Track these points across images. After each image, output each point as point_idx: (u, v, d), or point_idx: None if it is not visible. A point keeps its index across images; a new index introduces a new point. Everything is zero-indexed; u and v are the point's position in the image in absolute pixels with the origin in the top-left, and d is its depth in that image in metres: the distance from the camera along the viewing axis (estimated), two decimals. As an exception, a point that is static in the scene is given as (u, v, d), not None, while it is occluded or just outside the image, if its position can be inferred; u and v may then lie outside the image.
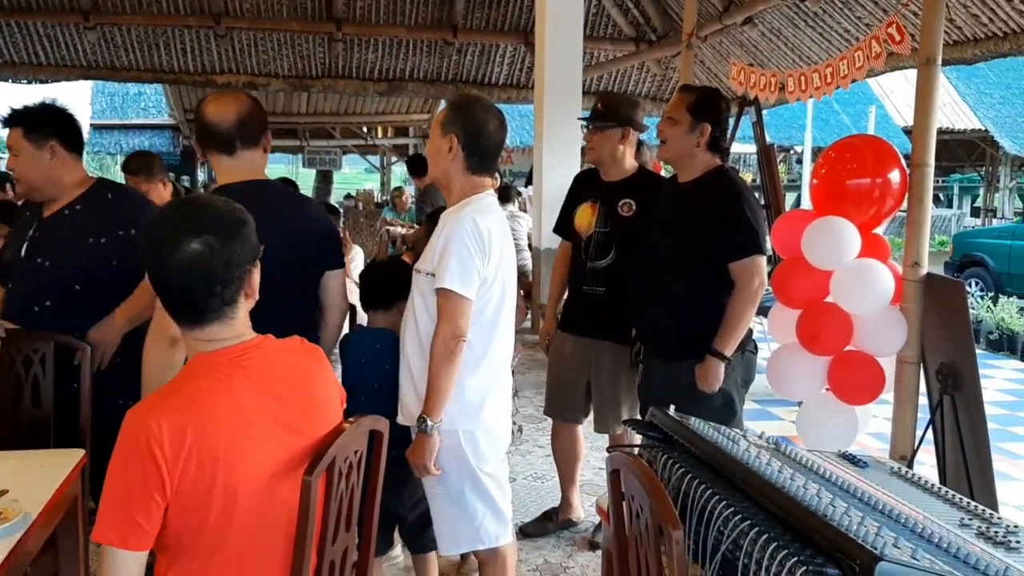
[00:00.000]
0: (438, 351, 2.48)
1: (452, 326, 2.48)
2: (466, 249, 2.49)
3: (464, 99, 2.77)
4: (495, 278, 2.59)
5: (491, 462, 2.66)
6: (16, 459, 2.45)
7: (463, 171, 2.62)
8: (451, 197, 2.67)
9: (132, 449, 1.61)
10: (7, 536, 1.96)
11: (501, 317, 2.65)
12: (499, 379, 2.70)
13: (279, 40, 9.99)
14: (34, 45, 9.49)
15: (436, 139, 2.64)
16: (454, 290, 2.48)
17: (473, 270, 2.50)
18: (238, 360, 1.76)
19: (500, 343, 2.68)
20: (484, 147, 2.62)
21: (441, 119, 2.65)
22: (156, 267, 1.71)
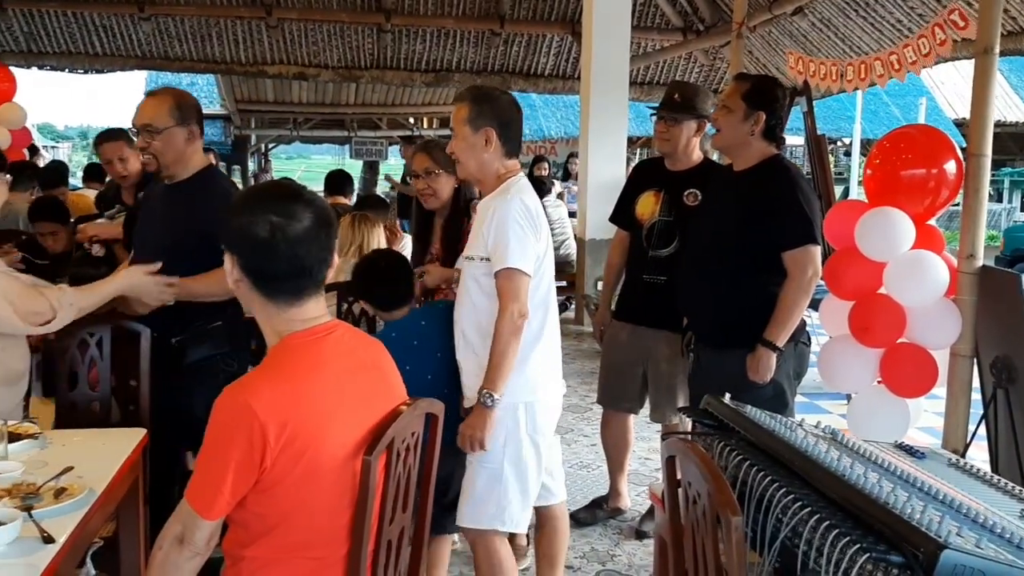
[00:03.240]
0: (505, 329, 2.55)
1: (518, 304, 2.57)
2: (520, 228, 2.58)
3: (482, 92, 2.78)
4: (545, 254, 2.70)
5: (545, 435, 2.74)
6: (81, 437, 2.52)
7: (500, 159, 2.70)
8: (486, 186, 2.74)
9: (233, 425, 1.67)
10: (73, 511, 2.01)
11: (550, 294, 2.75)
12: (556, 353, 2.81)
13: (329, 31, 10.07)
14: (90, 35, 9.67)
15: (468, 137, 2.67)
16: (517, 268, 2.56)
17: (529, 247, 2.60)
18: (325, 339, 1.81)
19: (553, 317, 2.78)
20: (516, 132, 2.73)
21: (467, 116, 2.67)
22: (273, 241, 1.73)
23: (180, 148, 3.03)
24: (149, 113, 3.00)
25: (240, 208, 1.79)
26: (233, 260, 1.79)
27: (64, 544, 1.88)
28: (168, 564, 1.75)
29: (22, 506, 1.97)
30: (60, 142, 19.78)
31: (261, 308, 1.82)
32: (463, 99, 2.73)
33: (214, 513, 1.71)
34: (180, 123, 3.01)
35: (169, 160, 3.04)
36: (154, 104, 3.02)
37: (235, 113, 14.94)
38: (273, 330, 1.83)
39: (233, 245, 1.79)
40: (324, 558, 1.79)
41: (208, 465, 1.71)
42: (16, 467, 2.19)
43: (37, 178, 5.76)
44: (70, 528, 1.94)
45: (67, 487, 2.10)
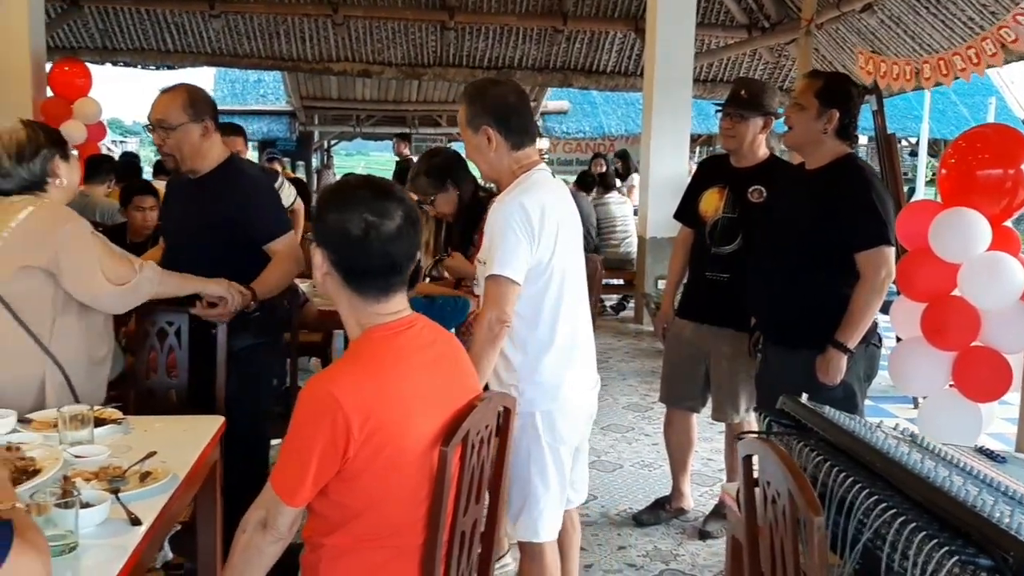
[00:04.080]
0: (480, 335, 2.47)
1: (497, 310, 2.45)
2: (513, 234, 2.46)
3: (475, 89, 2.66)
4: (552, 255, 2.55)
5: (568, 442, 2.65)
6: (162, 423, 2.58)
7: (508, 153, 2.58)
8: (503, 185, 2.64)
9: (318, 415, 1.71)
10: (158, 495, 2.07)
11: (567, 293, 2.62)
12: (576, 357, 2.67)
13: (393, 28, 10.17)
14: (162, 32, 9.90)
15: (471, 140, 2.60)
16: (501, 275, 2.46)
17: (520, 255, 2.47)
18: (406, 332, 1.85)
19: (570, 320, 2.64)
20: (517, 120, 2.58)
21: (466, 119, 2.60)
22: (367, 239, 1.76)
23: (195, 144, 3.07)
24: (162, 110, 3.04)
25: (334, 205, 1.82)
26: (324, 255, 1.83)
27: (150, 526, 1.93)
28: (251, 547, 1.80)
29: (109, 489, 2.03)
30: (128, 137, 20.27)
31: (348, 302, 1.86)
32: (462, 101, 2.65)
33: (298, 500, 1.75)
34: (194, 119, 3.04)
35: (186, 155, 3.08)
36: (167, 100, 3.06)
37: (300, 110, 15.15)
38: (357, 323, 1.87)
39: (326, 241, 1.82)
40: (401, 547, 1.82)
41: (293, 453, 1.75)
42: (102, 451, 2.26)
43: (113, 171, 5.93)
44: (155, 511, 1.99)
45: (151, 471, 2.15)
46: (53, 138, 2.78)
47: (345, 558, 1.82)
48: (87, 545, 1.81)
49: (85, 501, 1.89)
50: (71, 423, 2.31)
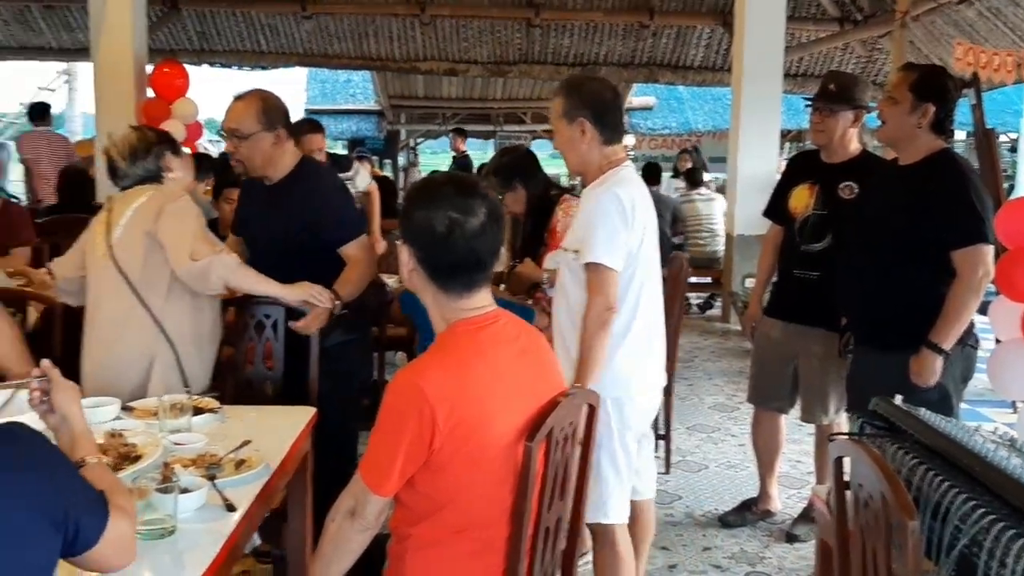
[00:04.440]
0: (592, 323, 2.57)
1: (604, 298, 2.57)
2: (611, 222, 2.57)
3: (574, 82, 2.80)
4: (640, 248, 2.65)
5: (634, 429, 2.72)
6: (256, 413, 2.66)
7: (599, 147, 2.69)
8: (589, 178, 2.74)
9: (405, 406, 1.75)
10: (253, 483, 2.13)
11: (647, 287, 2.71)
12: (649, 349, 2.75)
13: (479, 27, 10.23)
14: (256, 34, 10.17)
15: (564, 131, 2.70)
16: (602, 263, 2.57)
17: (619, 242, 2.57)
18: (491, 327, 1.87)
19: (647, 313, 2.72)
20: (611, 117, 2.69)
21: (562, 110, 2.69)
22: (451, 236, 1.80)
23: (267, 152, 3.10)
24: (236, 118, 3.08)
25: (419, 203, 1.86)
26: (410, 252, 1.86)
27: (245, 513, 1.99)
28: (340, 536, 1.85)
29: (206, 475, 2.09)
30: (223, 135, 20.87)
31: (433, 297, 1.89)
32: (558, 93, 2.74)
33: (386, 490, 1.79)
34: (266, 128, 3.06)
35: (257, 164, 3.13)
36: (241, 109, 3.09)
37: (388, 108, 15.37)
38: (442, 317, 1.90)
39: (412, 238, 1.86)
40: (486, 540, 1.84)
41: (381, 444, 1.79)
42: (200, 439, 2.34)
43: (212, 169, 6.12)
44: (250, 498, 2.06)
45: (246, 459, 2.22)
46: (163, 137, 2.98)
47: (430, 549, 1.85)
48: (185, 529, 1.87)
49: (183, 487, 1.95)
50: (171, 411, 2.40)
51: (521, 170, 3.76)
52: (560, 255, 2.77)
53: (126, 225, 2.83)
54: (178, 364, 2.84)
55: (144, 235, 2.80)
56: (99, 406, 2.49)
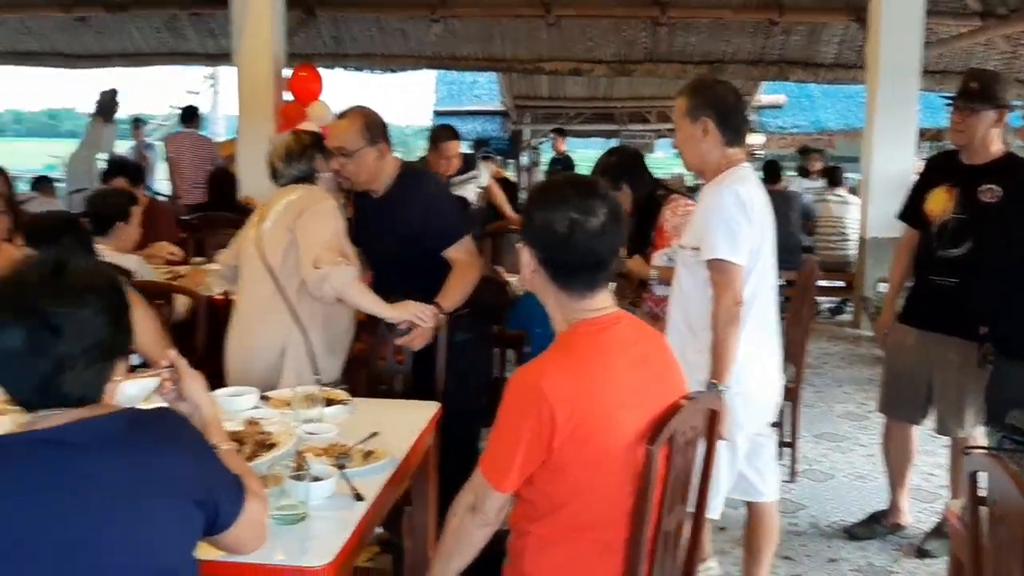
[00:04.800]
0: (721, 319, 2.59)
1: (731, 292, 2.59)
2: (732, 218, 2.60)
3: (701, 83, 2.87)
4: (760, 246, 2.68)
5: (745, 428, 2.70)
6: (384, 406, 2.76)
7: (720, 148, 2.71)
8: (707, 177, 2.77)
9: (525, 405, 1.78)
10: (380, 474, 2.20)
11: (763, 286, 2.72)
12: (763, 345, 2.76)
13: (604, 26, 10.20)
14: (387, 38, 10.43)
15: (686, 129, 2.74)
16: (726, 259, 2.59)
17: (742, 237, 2.60)
18: (612, 328, 1.88)
19: (763, 312, 2.73)
20: (735, 120, 2.74)
21: (686, 108, 2.74)
22: (572, 237, 1.82)
23: (371, 167, 3.19)
24: (341, 137, 3.18)
25: (540, 204, 1.89)
26: (531, 252, 1.89)
27: (372, 503, 2.06)
28: (461, 530, 1.89)
29: (336, 464, 2.17)
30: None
31: (554, 297, 1.91)
32: (683, 93, 2.79)
33: (505, 486, 1.82)
34: (370, 143, 3.16)
35: (363, 180, 3.22)
36: (344, 127, 3.18)
37: (512, 109, 15.50)
38: (563, 318, 1.92)
39: (533, 239, 1.89)
40: (605, 541, 1.85)
41: (500, 441, 1.82)
42: (331, 429, 2.43)
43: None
44: (377, 488, 2.12)
45: (374, 451, 2.30)
46: (317, 140, 3.19)
47: (550, 548, 1.86)
48: (316, 516, 1.95)
49: (315, 475, 2.03)
50: (304, 402, 2.51)
51: (628, 170, 3.77)
52: (676, 253, 2.79)
53: (274, 219, 3.02)
54: (310, 353, 2.98)
55: (286, 230, 2.97)
56: (239, 395, 2.63)
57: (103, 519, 1.43)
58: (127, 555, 1.45)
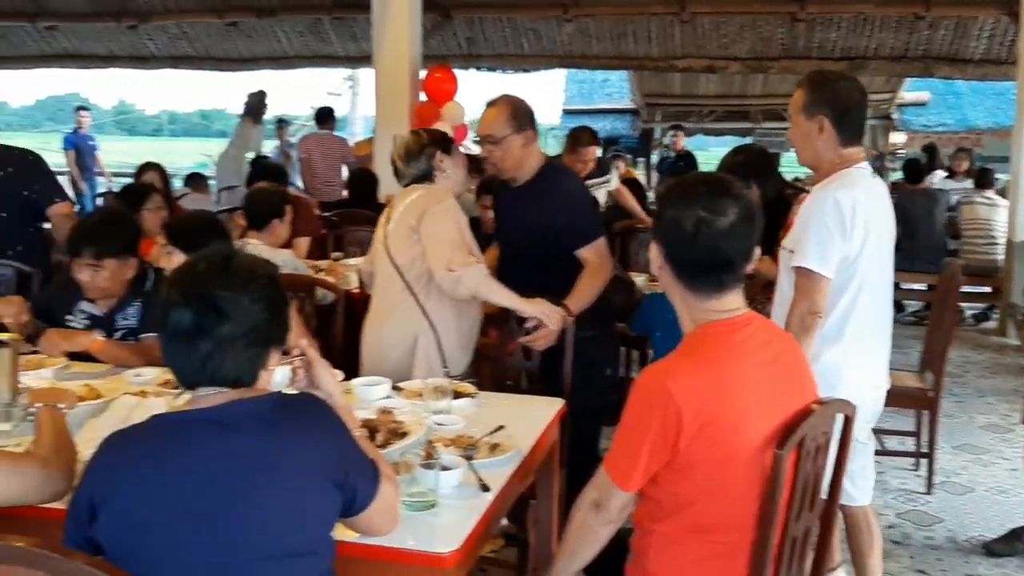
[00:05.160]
0: (794, 326, 2.54)
1: (808, 302, 2.54)
2: (825, 227, 2.53)
3: (820, 77, 2.75)
4: (860, 254, 2.59)
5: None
6: (510, 400, 2.81)
7: (835, 147, 2.64)
8: (820, 175, 2.69)
9: (651, 404, 1.80)
10: (505, 466, 2.24)
11: (865, 292, 2.64)
12: (861, 355, 2.68)
13: (740, 23, 10.00)
14: (520, 38, 10.53)
15: (802, 124, 2.67)
16: (812, 269, 2.53)
17: (831, 248, 2.54)
18: (743, 330, 1.87)
19: (862, 319, 2.66)
20: (853, 119, 2.66)
21: (802, 103, 2.66)
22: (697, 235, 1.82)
23: (517, 155, 3.27)
24: (488, 124, 3.28)
25: (670, 201, 1.90)
26: (659, 249, 1.90)
27: (498, 494, 2.10)
28: (585, 527, 1.92)
29: (463, 455, 2.23)
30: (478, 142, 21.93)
31: (681, 297, 1.92)
32: (801, 86, 2.71)
33: (630, 485, 1.83)
34: (517, 131, 3.25)
35: (508, 167, 3.30)
36: (493, 115, 3.28)
37: (643, 107, 15.37)
38: (690, 318, 1.92)
39: (660, 236, 1.90)
40: (730, 544, 1.84)
41: (625, 439, 1.84)
42: (459, 421, 2.50)
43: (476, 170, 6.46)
44: (503, 480, 2.16)
45: (500, 444, 2.34)
46: (436, 137, 3.22)
47: (674, 547, 1.87)
48: (444, 505, 2.01)
49: (444, 465, 2.08)
50: (434, 393, 2.59)
51: (755, 169, 3.69)
52: (782, 253, 2.75)
53: (397, 219, 3.12)
54: (439, 347, 3.08)
55: (409, 229, 3.06)
56: (373, 385, 2.74)
57: (250, 496, 1.53)
58: (270, 532, 1.55)
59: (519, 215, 3.37)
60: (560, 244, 3.27)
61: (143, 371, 2.84)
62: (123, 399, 2.52)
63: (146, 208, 4.33)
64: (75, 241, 3.05)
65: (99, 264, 3.01)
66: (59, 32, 11.42)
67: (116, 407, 2.46)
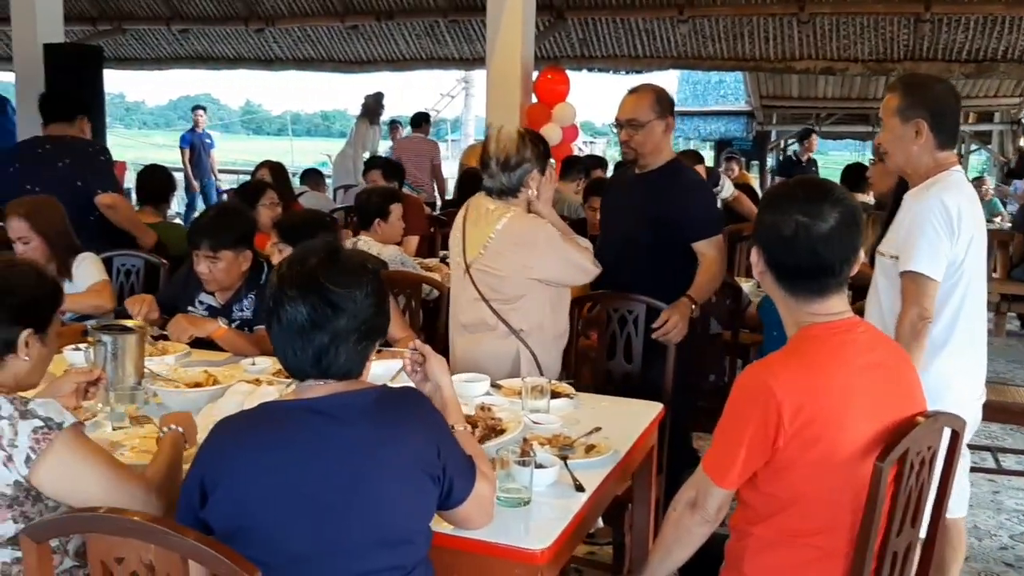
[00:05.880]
0: (904, 334, 2.47)
1: (919, 308, 2.47)
2: (933, 230, 2.47)
3: (916, 80, 2.71)
4: (965, 257, 2.55)
5: None
6: (607, 402, 2.81)
7: (931, 151, 2.58)
8: (914, 180, 2.62)
9: (751, 402, 1.79)
10: (601, 468, 2.25)
11: (971, 298, 2.61)
12: (967, 365, 2.62)
13: (861, 23, 9.70)
14: (633, 39, 10.47)
15: (896, 128, 2.60)
16: (921, 272, 2.46)
17: (940, 252, 2.49)
18: (847, 334, 1.85)
19: (968, 326, 2.62)
20: (950, 123, 2.61)
21: (897, 107, 2.59)
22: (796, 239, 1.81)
23: (657, 140, 3.32)
24: (632, 108, 3.32)
25: (771, 205, 1.90)
26: (759, 253, 1.89)
27: (592, 494, 2.11)
28: (681, 526, 1.92)
29: (559, 455, 2.25)
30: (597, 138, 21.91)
31: (783, 300, 1.91)
32: (894, 89, 2.64)
33: (728, 482, 1.83)
34: (659, 116, 3.30)
35: (647, 151, 3.33)
36: (637, 100, 3.33)
37: (758, 109, 15.07)
38: (792, 321, 1.90)
39: (761, 240, 1.89)
40: (825, 548, 1.82)
41: (725, 437, 1.84)
42: (555, 420, 2.52)
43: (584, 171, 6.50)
44: (597, 481, 2.18)
45: (596, 445, 2.35)
46: (538, 153, 3.07)
47: (770, 551, 1.86)
48: (538, 502, 2.03)
49: (539, 463, 2.11)
50: (532, 392, 2.62)
51: None
52: (877, 257, 2.67)
53: (484, 244, 3.02)
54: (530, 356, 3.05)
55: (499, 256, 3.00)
56: (472, 381, 2.79)
57: (353, 486, 1.60)
58: (370, 521, 1.61)
59: (639, 203, 3.40)
60: (677, 236, 3.30)
61: (258, 360, 2.96)
62: (238, 386, 2.64)
63: (261, 204, 4.50)
64: (194, 235, 3.22)
65: (216, 256, 3.17)
66: (191, 35, 11.97)
67: (232, 393, 2.59)
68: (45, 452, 1.74)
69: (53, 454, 1.75)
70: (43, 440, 1.75)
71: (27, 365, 1.91)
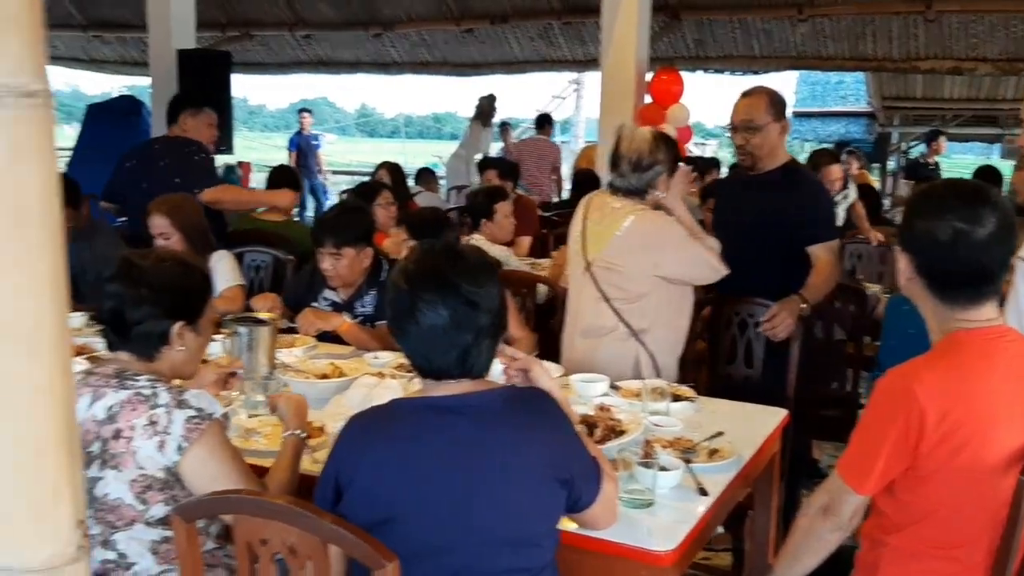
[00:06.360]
0: None
1: None
2: None
3: None
4: None
5: None
6: (729, 407, 2.77)
7: None
8: None
9: (894, 405, 1.75)
10: (724, 472, 2.23)
11: None
12: None
13: (991, 22, 9.29)
14: (750, 39, 10.28)
15: None
16: None
17: None
18: (996, 341, 1.79)
19: None
20: None
21: None
22: (954, 246, 1.76)
23: (773, 142, 3.29)
24: (748, 111, 3.29)
25: (922, 211, 1.83)
26: (908, 259, 1.83)
27: (716, 499, 2.10)
28: (811, 532, 1.88)
29: (681, 458, 2.23)
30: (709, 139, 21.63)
31: (931, 308, 1.84)
32: None
33: (864, 488, 1.78)
34: (776, 119, 3.27)
35: (764, 153, 3.30)
36: (752, 103, 3.30)
37: (880, 110, 14.60)
38: (939, 328, 1.84)
39: (910, 247, 1.83)
40: (967, 561, 1.77)
41: (864, 441, 1.80)
42: (676, 423, 2.50)
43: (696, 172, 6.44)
44: (721, 486, 2.16)
45: (719, 449, 2.33)
46: (669, 156, 3.05)
47: (909, 562, 1.81)
48: (661, 504, 2.03)
49: (662, 465, 2.10)
50: (652, 394, 2.61)
51: None
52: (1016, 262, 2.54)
53: (608, 242, 3.01)
54: (649, 357, 3.04)
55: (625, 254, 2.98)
56: (592, 382, 2.79)
57: (484, 486, 1.62)
58: (499, 521, 1.64)
59: (754, 204, 3.36)
60: (793, 238, 3.26)
61: (380, 354, 3.04)
62: (363, 379, 2.72)
63: (377, 204, 4.61)
64: (318, 232, 3.34)
65: (339, 253, 3.27)
66: (313, 40, 12.34)
67: (357, 385, 2.67)
68: (195, 442, 1.83)
69: (202, 445, 1.84)
70: (195, 430, 1.84)
71: (183, 355, 2.01)
